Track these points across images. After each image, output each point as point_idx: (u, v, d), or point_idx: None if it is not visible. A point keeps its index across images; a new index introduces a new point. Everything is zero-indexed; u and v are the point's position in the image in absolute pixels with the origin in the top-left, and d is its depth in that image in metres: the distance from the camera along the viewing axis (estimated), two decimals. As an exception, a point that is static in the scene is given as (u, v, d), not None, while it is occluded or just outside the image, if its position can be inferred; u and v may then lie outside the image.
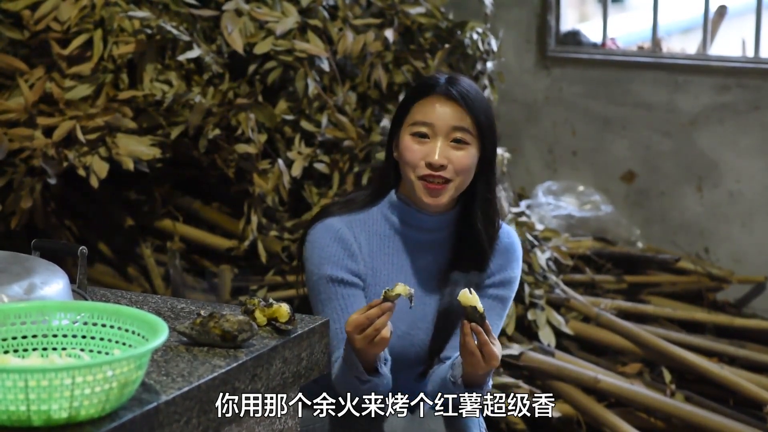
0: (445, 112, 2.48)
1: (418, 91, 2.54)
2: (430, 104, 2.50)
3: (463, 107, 2.48)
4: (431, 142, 2.48)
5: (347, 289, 2.49)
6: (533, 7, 5.12)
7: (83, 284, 2.17)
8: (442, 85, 2.50)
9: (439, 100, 2.49)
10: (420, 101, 2.51)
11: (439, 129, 2.48)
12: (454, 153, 2.48)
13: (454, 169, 2.47)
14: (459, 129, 2.48)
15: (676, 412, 3.84)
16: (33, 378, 1.57)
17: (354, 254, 2.51)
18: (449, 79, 2.52)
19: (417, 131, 2.49)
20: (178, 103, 3.63)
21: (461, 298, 2.28)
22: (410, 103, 2.52)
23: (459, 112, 2.48)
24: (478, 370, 2.33)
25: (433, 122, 2.48)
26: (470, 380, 2.39)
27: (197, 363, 1.87)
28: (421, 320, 2.54)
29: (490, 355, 2.30)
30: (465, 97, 2.49)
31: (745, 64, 4.81)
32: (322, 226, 2.54)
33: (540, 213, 4.82)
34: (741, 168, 4.81)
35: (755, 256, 4.81)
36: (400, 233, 2.55)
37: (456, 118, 2.48)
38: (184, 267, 3.96)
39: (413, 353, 2.55)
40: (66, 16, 3.63)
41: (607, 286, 4.49)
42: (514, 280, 2.58)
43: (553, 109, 5.13)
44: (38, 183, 3.61)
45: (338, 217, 2.54)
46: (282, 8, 3.75)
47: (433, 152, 2.47)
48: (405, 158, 2.50)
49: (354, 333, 2.29)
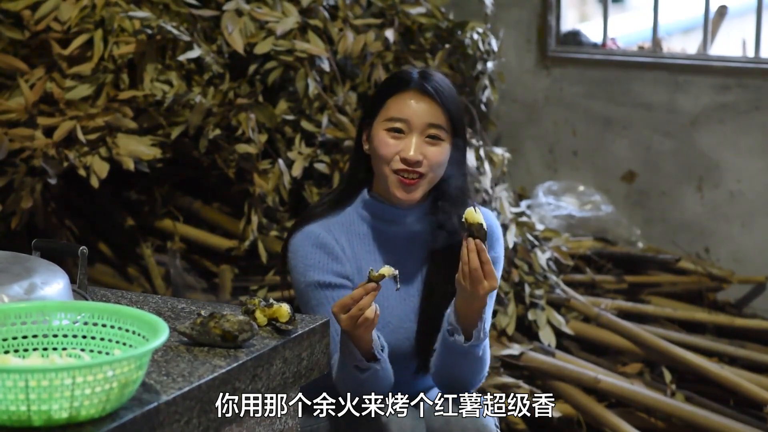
0: (420, 108, 2.50)
1: (392, 86, 2.54)
2: (404, 100, 2.51)
3: (438, 103, 2.50)
4: (406, 138, 2.49)
5: (336, 291, 2.50)
6: (533, 7, 5.11)
7: (83, 284, 2.17)
8: (416, 81, 2.52)
9: (414, 95, 2.51)
10: (394, 96, 2.52)
11: (414, 125, 2.49)
12: (429, 149, 2.50)
13: (429, 164, 2.50)
14: (434, 126, 2.50)
15: (677, 412, 3.84)
16: (33, 378, 1.57)
17: (338, 257, 2.52)
18: (423, 74, 2.53)
19: (392, 126, 2.50)
20: (179, 103, 3.63)
21: (467, 215, 2.33)
22: (384, 97, 2.53)
23: (434, 108, 2.50)
24: (478, 290, 2.34)
25: (409, 118, 2.49)
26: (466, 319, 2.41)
27: (197, 363, 1.87)
28: (411, 312, 2.55)
29: (490, 273, 2.33)
30: (439, 92, 2.51)
31: (745, 64, 4.81)
32: (302, 234, 2.54)
33: (540, 213, 4.82)
34: (741, 168, 4.81)
35: (756, 256, 4.81)
36: (378, 230, 2.56)
37: (431, 114, 2.50)
38: (185, 267, 3.96)
39: (408, 346, 2.56)
40: (66, 16, 3.63)
41: (608, 286, 4.49)
42: (498, 260, 2.60)
43: (553, 109, 5.12)
44: (39, 183, 3.61)
45: (316, 223, 2.55)
46: (282, 8, 3.75)
47: (408, 148, 2.48)
48: (379, 152, 2.51)
49: (340, 313, 2.31)
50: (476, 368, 2.50)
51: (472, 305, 2.39)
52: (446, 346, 2.45)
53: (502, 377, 3.75)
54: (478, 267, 2.33)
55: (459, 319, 2.41)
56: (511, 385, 3.72)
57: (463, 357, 2.46)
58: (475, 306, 2.39)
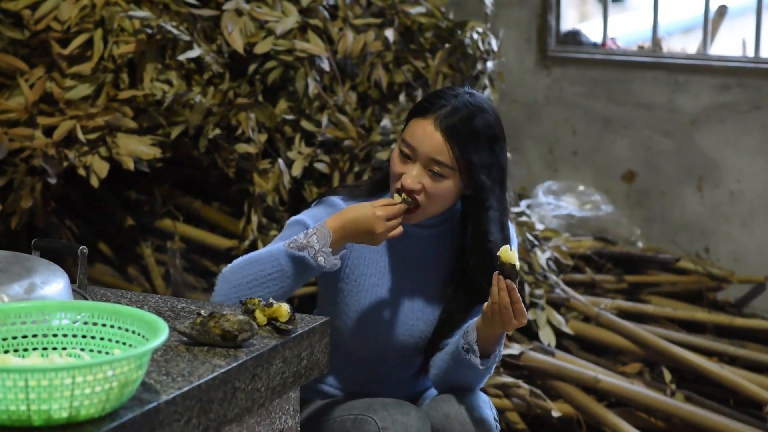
0: (428, 141, 2.44)
1: (420, 106, 2.50)
2: (419, 127, 2.46)
3: (447, 142, 2.43)
4: (411, 164, 2.46)
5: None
6: (533, 6, 5.12)
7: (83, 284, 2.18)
8: (438, 112, 2.45)
9: (428, 126, 2.44)
10: (415, 119, 2.48)
11: (419, 155, 2.45)
12: (429, 181, 2.45)
13: (426, 196, 2.45)
14: (436, 162, 2.44)
15: (677, 411, 3.84)
16: (33, 378, 1.57)
17: None
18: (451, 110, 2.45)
19: (403, 150, 2.48)
20: (179, 102, 3.63)
21: (501, 253, 2.32)
22: (412, 115, 2.50)
23: (442, 145, 2.43)
24: (506, 328, 2.35)
25: (416, 147, 2.45)
26: (486, 343, 2.40)
27: (197, 363, 1.87)
28: (420, 310, 2.55)
29: (520, 312, 2.32)
30: (454, 132, 2.43)
31: (745, 64, 4.81)
32: (326, 200, 2.57)
33: (540, 213, 4.82)
34: (741, 168, 4.81)
35: (755, 256, 4.81)
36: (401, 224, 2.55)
37: (436, 150, 2.43)
38: (185, 267, 3.96)
39: (412, 343, 2.56)
40: (66, 15, 3.63)
41: (608, 285, 4.49)
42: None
43: (553, 109, 5.13)
44: (38, 183, 3.61)
45: (342, 197, 2.56)
46: (282, 8, 3.75)
47: (409, 175, 2.45)
48: (390, 170, 2.51)
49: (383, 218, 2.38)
50: (482, 378, 2.51)
51: (495, 333, 2.39)
52: (457, 360, 2.45)
53: (502, 377, 3.75)
54: (509, 305, 2.31)
55: (479, 340, 2.41)
56: (510, 385, 3.73)
57: (474, 371, 2.46)
58: (498, 334, 2.40)
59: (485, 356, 2.42)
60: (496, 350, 2.43)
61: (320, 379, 2.61)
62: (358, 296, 2.53)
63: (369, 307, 2.53)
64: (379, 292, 2.54)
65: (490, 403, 2.52)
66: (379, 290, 2.54)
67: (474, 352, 2.40)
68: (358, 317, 2.53)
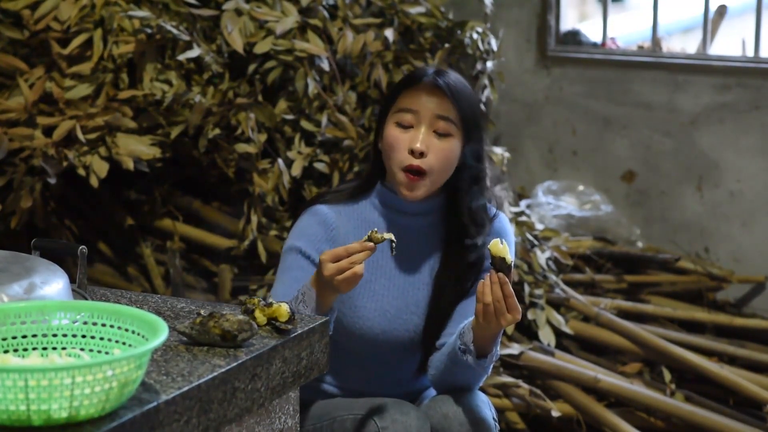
0: (430, 101, 2.51)
1: (406, 81, 2.57)
2: (416, 93, 2.52)
3: (449, 98, 2.51)
4: (414, 130, 2.50)
5: (311, 266, 2.50)
6: (533, 6, 5.12)
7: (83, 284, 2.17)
8: (429, 75, 2.53)
9: (426, 89, 2.52)
10: (407, 90, 2.54)
11: (423, 117, 2.50)
12: (436, 142, 2.50)
13: (434, 158, 2.49)
14: (443, 118, 2.50)
15: (676, 411, 3.84)
16: (33, 377, 1.56)
17: (333, 239, 2.53)
18: (437, 71, 2.55)
19: (401, 119, 2.51)
20: (178, 102, 3.63)
21: (492, 247, 2.33)
22: (397, 92, 2.55)
23: (444, 102, 2.51)
24: (500, 322, 2.33)
25: (418, 109, 2.50)
26: (483, 342, 2.40)
27: (197, 362, 1.87)
28: (414, 304, 2.55)
29: (513, 306, 2.32)
30: (451, 88, 2.52)
31: (745, 64, 4.81)
32: (313, 209, 2.58)
33: (540, 212, 4.82)
34: (741, 168, 4.81)
35: (755, 256, 4.81)
36: (389, 219, 2.57)
37: (440, 107, 2.50)
38: (184, 266, 3.96)
39: (407, 338, 2.56)
40: (66, 15, 3.63)
41: (607, 285, 4.49)
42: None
43: (553, 109, 5.12)
44: (38, 182, 3.61)
45: (328, 205, 2.57)
46: (282, 8, 3.75)
47: (416, 139, 2.49)
48: (388, 145, 2.52)
49: (327, 261, 2.31)
50: (480, 377, 2.51)
51: (490, 331, 2.39)
52: (454, 361, 2.45)
53: (502, 377, 3.75)
54: (501, 299, 2.31)
55: (475, 340, 2.41)
56: (510, 385, 3.73)
57: (471, 371, 2.46)
58: (494, 332, 2.40)
59: (482, 356, 2.42)
60: (493, 350, 2.43)
61: (320, 378, 2.61)
62: (351, 293, 2.53)
63: (363, 304, 2.54)
64: (373, 288, 2.55)
65: (489, 402, 2.52)
66: (373, 286, 2.55)
67: (471, 352, 2.40)
68: (352, 314, 2.54)
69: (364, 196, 2.60)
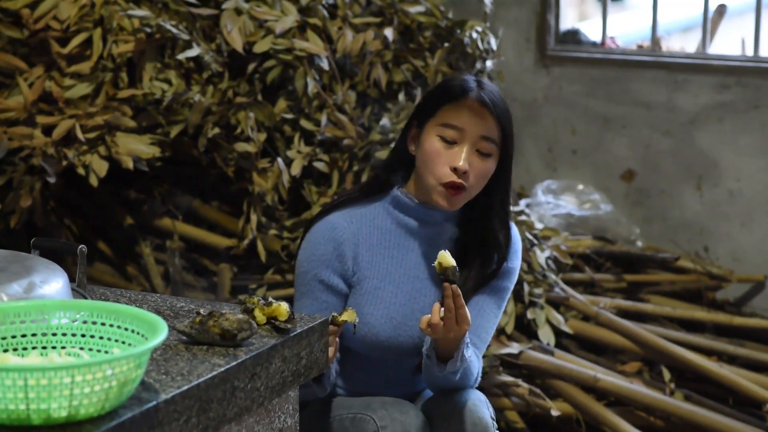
0: (476, 121, 2.48)
1: (451, 92, 2.51)
2: (461, 109, 2.49)
3: (494, 117, 2.49)
4: (457, 147, 2.48)
5: (326, 294, 2.52)
6: (533, 5, 5.12)
7: (83, 283, 2.17)
8: (474, 90, 2.49)
9: (472, 106, 2.48)
10: (451, 103, 2.49)
11: (468, 135, 2.48)
12: (477, 161, 2.49)
13: (474, 177, 2.49)
14: (487, 139, 2.49)
15: (676, 410, 3.84)
16: (32, 377, 1.56)
17: (343, 255, 2.52)
18: (479, 84, 2.51)
19: (445, 134, 2.48)
20: (178, 101, 3.63)
21: (440, 258, 2.31)
22: (441, 103, 2.51)
23: (489, 122, 2.49)
24: (448, 335, 2.35)
25: (464, 128, 2.48)
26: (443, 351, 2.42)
27: (197, 362, 1.87)
28: (420, 311, 2.55)
29: (464, 318, 2.33)
30: (497, 107, 2.50)
31: (744, 63, 4.81)
32: (323, 223, 2.56)
33: (539, 212, 4.82)
34: (741, 167, 4.81)
35: (755, 255, 4.81)
36: (402, 227, 2.56)
37: (486, 128, 2.49)
38: (184, 266, 3.96)
39: (411, 344, 2.56)
40: (65, 14, 3.63)
41: (607, 284, 4.49)
42: (513, 271, 2.61)
43: (552, 108, 5.13)
44: (38, 182, 3.61)
45: (339, 211, 2.55)
46: (281, 7, 3.75)
47: (458, 157, 2.47)
48: (428, 157, 2.50)
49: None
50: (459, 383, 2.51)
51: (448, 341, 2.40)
52: (424, 366, 2.48)
53: (501, 376, 3.75)
54: (453, 310, 2.32)
55: (436, 347, 2.42)
56: (510, 384, 3.73)
57: (443, 378, 2.47)
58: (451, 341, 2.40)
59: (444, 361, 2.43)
60: (456, 355, 2.42)
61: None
62: (359, 299, 2.53)
63: (370, 311, 2.54)
64: (380, 295, 2.54)
65: (488, 402, 2.52)
66: (381, 293, 2.54)
67: (431, 358, 2.42)
68: (360, 319, 2.54)
69: (378, 198, 2.58)
